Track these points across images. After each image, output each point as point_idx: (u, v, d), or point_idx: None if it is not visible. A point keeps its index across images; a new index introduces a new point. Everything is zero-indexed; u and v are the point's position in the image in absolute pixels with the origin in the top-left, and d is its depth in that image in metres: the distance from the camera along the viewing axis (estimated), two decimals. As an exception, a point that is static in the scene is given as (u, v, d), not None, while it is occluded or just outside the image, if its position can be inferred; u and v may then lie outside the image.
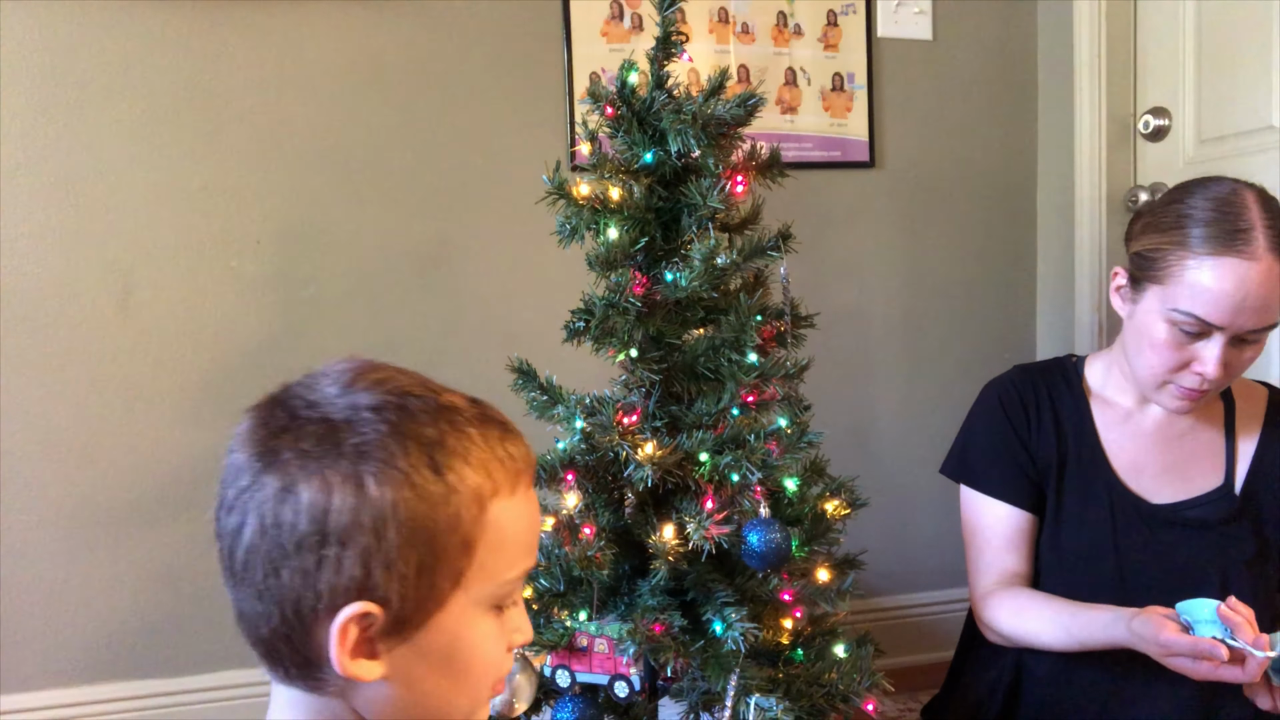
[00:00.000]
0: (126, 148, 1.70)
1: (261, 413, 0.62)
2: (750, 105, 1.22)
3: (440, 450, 0.61)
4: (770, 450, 1.16)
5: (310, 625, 0.59)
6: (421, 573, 0.60)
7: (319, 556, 0.58)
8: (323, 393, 0.61)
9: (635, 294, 1.16)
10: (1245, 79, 1.73)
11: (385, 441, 0.59)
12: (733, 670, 1.12)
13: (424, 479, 0.59)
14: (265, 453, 0.59)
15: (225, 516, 0.60)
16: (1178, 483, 1.25)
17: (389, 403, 0.61)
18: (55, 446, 1.69)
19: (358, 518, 0.58)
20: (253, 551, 0.59)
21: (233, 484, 0.60)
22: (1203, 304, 1.09)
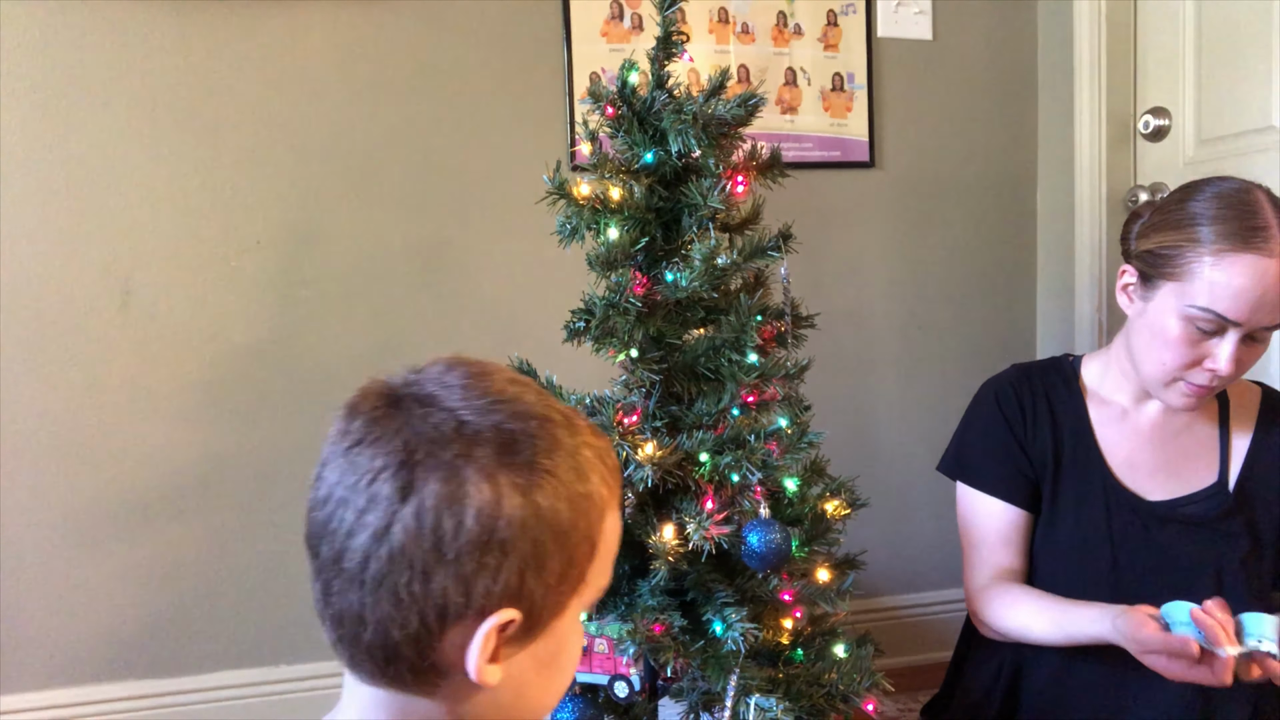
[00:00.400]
0: (126, 148, 1.70)
1: (381, 412, 0.60)
2: (751, 105, 1.22)
3: (580, 460, 0.62)
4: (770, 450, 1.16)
5: (446, 630, 0.59)
6: (560, 580, 0.61)
7: (479, 563, 0.57)
8: (454, 402, 0.60)
9: (635, 294, 1.16)
10: (1245, 79, 1.73)
11: (542, 451, 0.60)
12: (733, 670, 1.12)
13: (572, 489, 0.61)
14: (413, 460, 0.58)
15: (348, 517, 0.58)
16: (1173, 480, 1.26)
17: (533, 412, 0.62)
18: (55, 446, 1.69)
19: (523, 526, 0.59)
20: (400, 555, 0.57)
21: (360, 484, 0.58)
22: (1222, 300, 1.10)
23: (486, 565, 0.58)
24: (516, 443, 0.60)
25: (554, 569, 0.61)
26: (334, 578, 0.59)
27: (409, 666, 0.60)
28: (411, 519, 0.57)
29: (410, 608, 0.57)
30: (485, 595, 0.58)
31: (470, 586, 0.58)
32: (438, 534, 0.57)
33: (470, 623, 0.59)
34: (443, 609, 0.58)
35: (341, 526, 0.58)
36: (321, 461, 0.61)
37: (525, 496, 0.59)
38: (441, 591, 0.57)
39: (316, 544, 0.60)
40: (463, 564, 0.57)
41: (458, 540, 0.57)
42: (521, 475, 0.59)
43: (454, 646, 0.59)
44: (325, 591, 0.60)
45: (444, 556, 0.57)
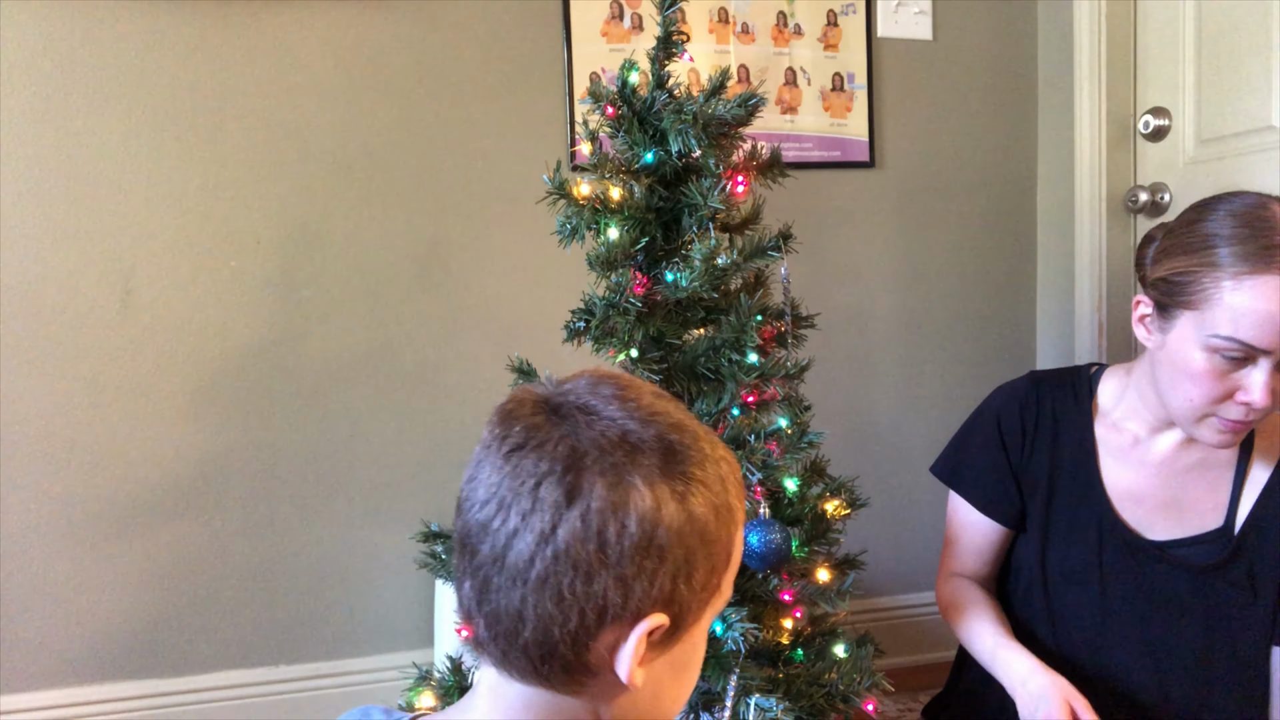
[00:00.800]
0: (127, 147, 1.70)
1: (543, 418, 0.63)
2: (751, 105, 1.22)
3: (722, 472, 0.66)
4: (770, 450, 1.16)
5: (603, 631, 0.61)
6: (703, 588, 0.64)
7: (639, 567, 0.60)
8: (614, 413, 0.63)
9: (635, 294, 1.16)
10: (1245, 79, 1.73)
11: (695, 462, 0.63)
12: (733, 670, 1.12)
13: (718, 499, 0.64)
14: (580, 466, 0.60)
15: (512, 519, 0.60)
16: (1174, 519, 1.18)
17: (686, 425, 0.65)
18: (55, 446, 1.69)
19: (679, 533, 0.61)
20: (565, 556, 0.59)
21: (524, 487, 0.60)
22: (1246, 327, 1.01)
23: (645, 569, 0.60)
24: (675, 453, 0.63)
25: (700, 577, 0.63)
26: (494, 575, 0.61)
27: (563, 665, 0.62)
28: (578, 521, 0.59)
29: (572, 607, 0.60)
30: (641, 599, 0.61)
31: (629, 589, 0.60)
32: (603, 537, 0.59)
33: (625, 625, 0.61)
34: (602, 610, 0.60)
35: (505, 527, 0.60)
36: (475, 463, 0.64)
37: (681, 504, 0.62)
38: (602, 593, 0.60)
39: (475, 543, 0.62)
40: (624, 567, 0.60)
41: (621, 544, 0.59)
42: (679, 484, 0.62)
43: (606, 648, 0.62)
44: (483, 589, 0.62)
45: (607, 559, 0.59)
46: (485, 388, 1.80)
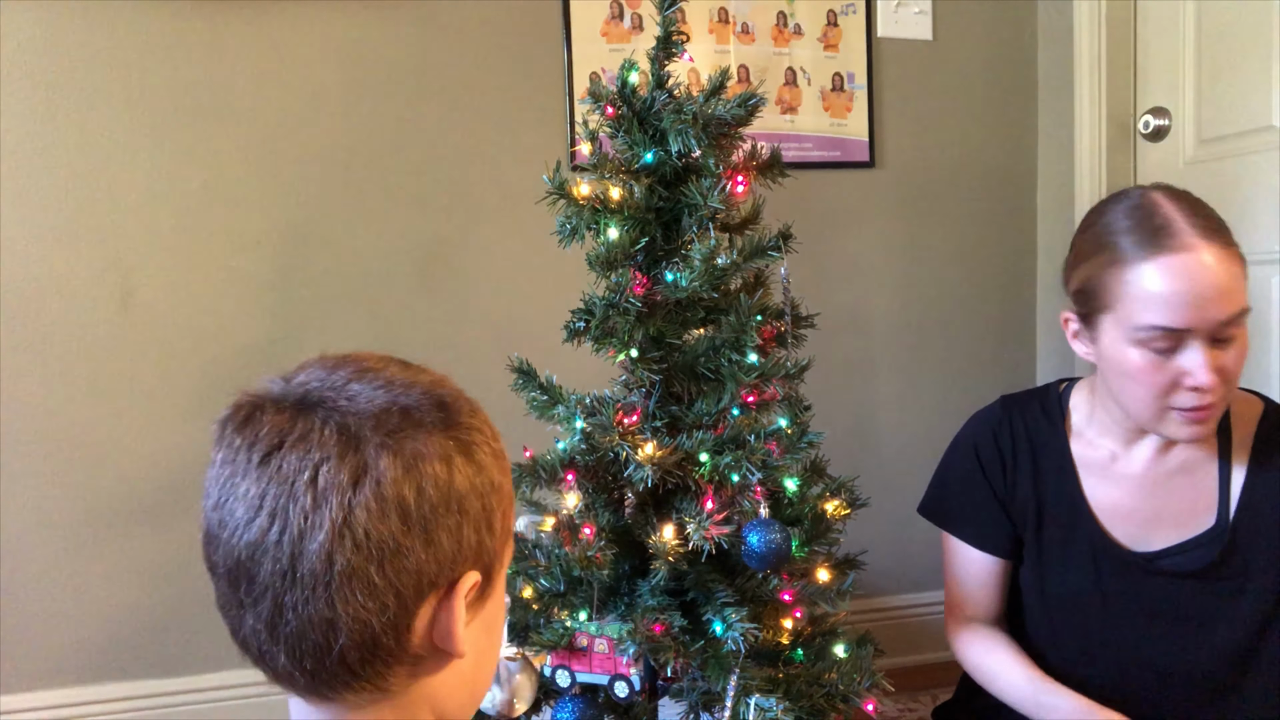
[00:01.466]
0: (126, 147, 1.70)
1: (289, 414, 0.58)
2: (751, 105, 1.21)
3: (488, 421, 0.65)
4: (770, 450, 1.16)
5: (422, 604, 0.59)
6: (503, 534, 0.64)
7: (444, 527, 0.59)
8: (366, 383, 0.60)
9: (635, 294, 1.16)
10: (1245, 79, 1.73)
11: (467, 412, 0.63)
12: (733, 670, 1.12)
13: (495, 446, 0.64)
14: (353, 445, 0.57)
15: (294, 524, 0.56)
16: (1168, 528, 1.16)
17: (442, 381, 0.64)
18: (55, 446, 1.69)
19: (472, 485, 0.60)
20: (367, 540, 0.56)
21: (301, 488, 0.56)
22: (1159, 311, 1.02)
23: (449, 528, 0.59)
24: (448, 406, 0.61)
25: (497, 525, 0.63)
26: (286, 593, 0.56)
27: (386, 659, 0.59)
28: (371, 500, 0.56)
29: (386, 591, 0.57)
30: (452, 560, 0.59)
31: (439, 552, 0.59)
32: (402, 508, 0.57)
33: (441, 591, 0.60)
34: (418, 582, 0.58)
35: (286, 535, 0.56)
36: (218, 484, 0.58)
37: (468, 456, 0.61)
38: (415, 565, 0.58)
39: (252, 568, 0.57)
40: (429, 531, 0.58)
41: (421, 509, 0.57)
42: (461, 434, 0.61)
43: (426, 625, 0.60)
44: (275, 614, 0.57)
45: (411, 528, 0.57)
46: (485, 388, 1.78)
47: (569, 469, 1.19)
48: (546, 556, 1.20)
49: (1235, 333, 1.03)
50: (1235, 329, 1.03)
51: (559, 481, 1.19)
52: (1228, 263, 1.02)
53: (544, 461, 1.19)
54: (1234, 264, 1.02)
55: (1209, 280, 1.00)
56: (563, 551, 1.18)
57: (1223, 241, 1.02)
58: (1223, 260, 1.01)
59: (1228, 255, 1.02)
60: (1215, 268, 1.01)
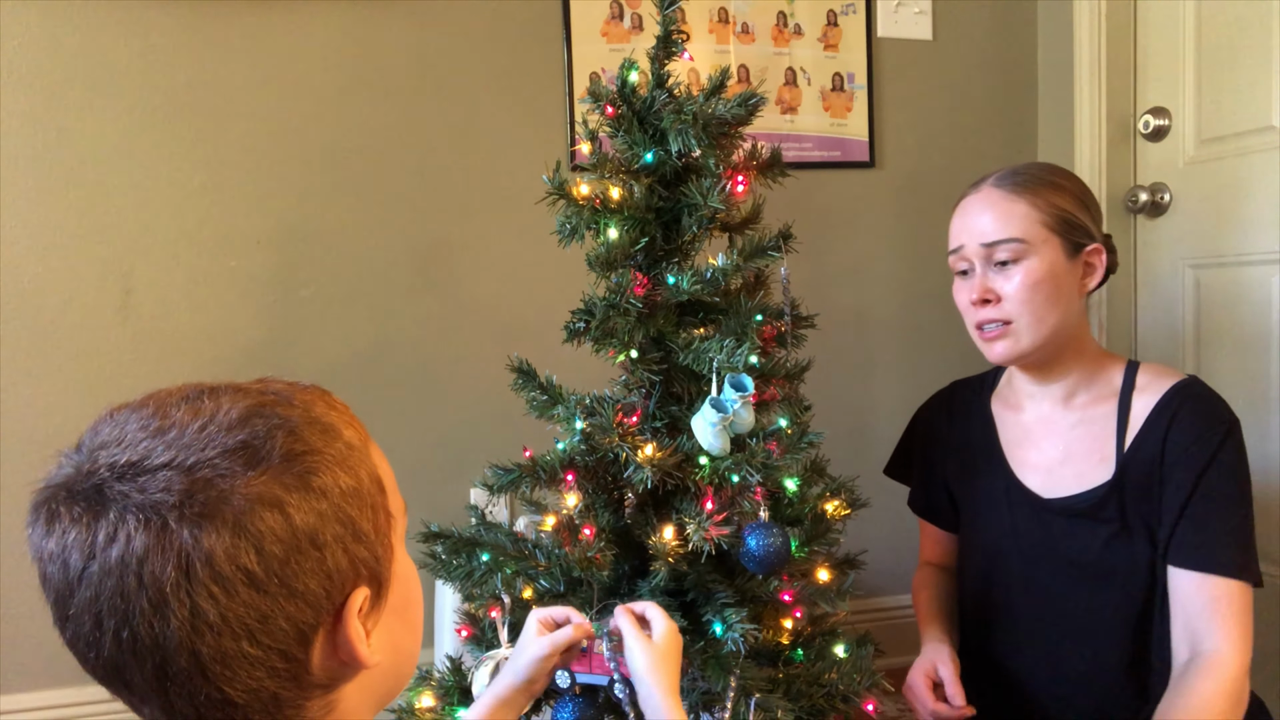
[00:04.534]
0: (126, 148, 1.70)
1: (89, 515, 0.53)
2: (751, 105, 1.22)
3: (318, 421, 0.59)
4: (770, 451, 1.16)
5: (312, 648, 0.56)
6: (376, 531, 0.60)
7: (302, 569, 0.54)
8: (160, 451, 0.54)
9: (636, 295, 1.16)
10: (1245, 79, 1.73)
11: (283, 439, 0.56)
12: (733, 671, 1.12)
13: (335, 452, 0.58)
14: (163, 530, 0.52)
15: (142, 630, 0.52)
16: (1071, 476, 1.27)
17: (246, 413, 0.57)
18: (55, 446, 1.68)
19: (321, 514, 0.56)
20: (225, 623, 0.52)
21: (131, 592, 0.52)
22: (950, 240, 1.30)
23: (308, 568, 0.55)
24: (256, 449, 0.55)
25: (367, 528, 0.59)
26: (169, 690, 0.53)
27: (293, 704, 0.57)
28: (211, 582, 0.52)
29: (267, 657, 0.54)
30: (328, 594, 0.56)
31: (308, 597, 0.55)
32: (248, 574, 0.52)
33: (329, 625, 0.57)
34: (298, 632, 0.55)
35: (141, 644, 0.52)
36: (57, 597, 0.55)
37: (303, 489, 0.55)
38: (287, 619, 0.54)
39: (126, 675, 0.54)
40: (288, 583, 0.54)
41: (269, 568, 0.53)
42: (285, 472, 0.55)
43: (325, 655, 0.58)
44: (168, 710, 0.55)
45: (268, 592, 0.53)
46: (485, 388, 1.80)
47: (569, 469, 1.19)
48: (546, 556, 1.20)
49: (1010, 256, 1.22)
50: (1009, 254, 1.22)
51: (559, 481, 1.19)
52: (1006, 202, 1.23)
53: (544, 462, 1.18)
54: (1015, 204, 1.23)
55: (978, 210, 1.25)
56: (562, 552, 1.17)
57: (1014, 189, 1.23)
58: (1001, 199, 1.24)
59: (1010, 197, 1.23)
60: (989, 202, 1.25)
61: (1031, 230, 1.21)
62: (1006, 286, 1.23)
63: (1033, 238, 1.21)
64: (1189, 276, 1.86)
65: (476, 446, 1.81)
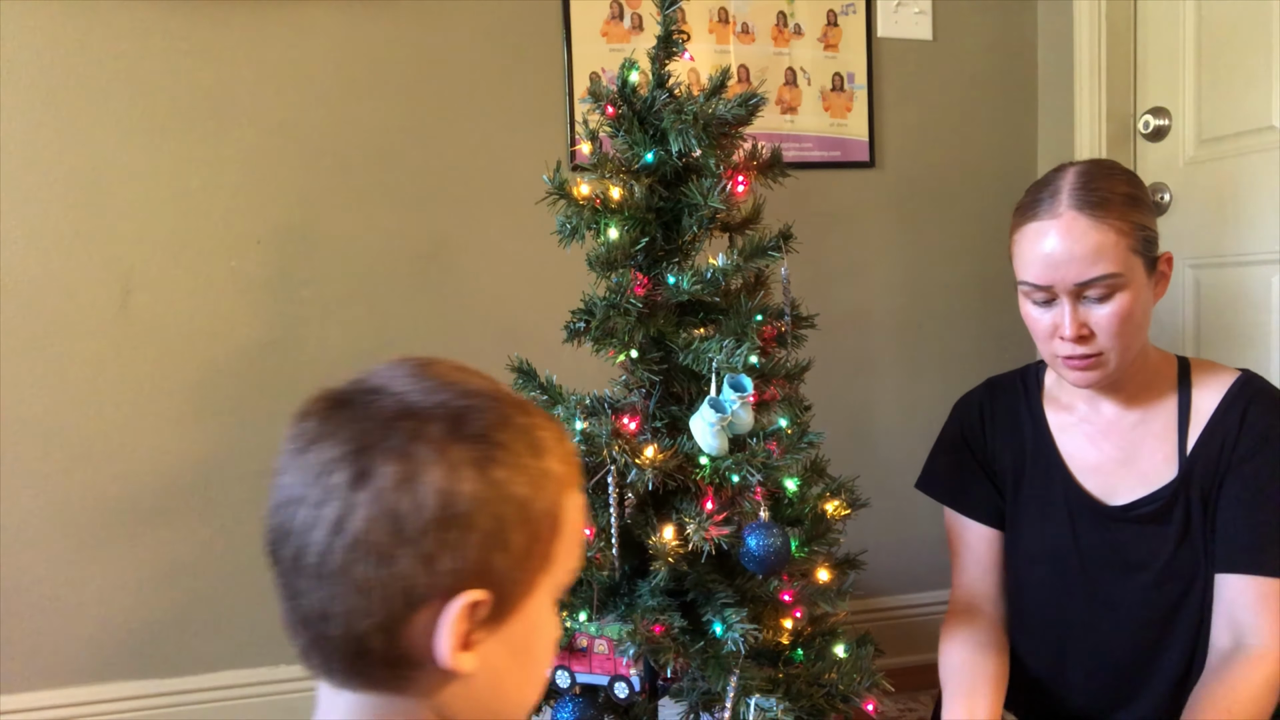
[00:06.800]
0: (127, 147, 1.70)
1: (330, 410, 0.60)
2: (751, 105, 1.21)
3: (535, 438, 0.63)
4: (770, 451, 1.16)
5: (414, 614, 0.58)
6: (525, 557, 0.61)
7: (441, 540, 0.57)
8: (400, 388, 0.61)
9: (636, 295, 1.16)
10: (1245, 79, 1.73)
11: (493, 425, 0.60)
12: (733, 671, 1.12)
13: (529, 463, 0.61)
14: (364, 447, 0.58)
15: (304, 514, 0.58)
16: (1134, 479, 1.23)
17: (481, 390, 0.63)
18: (55, 446, 1.69)
19: (483, 501, 0.59)
20: (359, 542, 0.57)
21: (315, 481, 0.58)
22: (1028, 268, 1.17)
23: (448, 542, 0.57)
24: (466, 418, 0.60)
25: (518, 545, 0.60)
26: (297, 578, 0.59)
27: (380, 659, 0.59)
28: (368, 504, 0.57)
29: (375, 594, 0.57)
30: (450, 574, 0.58)
31: (434, 565, 0.57)
32: (396, 515, 0.57)
33: (437, 605, 0.58)
34: (409, 592, 0.57)
35: (298, 525, 0.58)
36: (277, 473, 0.61)
37: (481, 470, 0.59)
38: (405, 573, 0.57)
39: (278, 549, 0.60)
40: (424, 543, 0.57)
41: (417, 519, 0.57)
42: (476, 449, 0.59)
43: (422, 633, 0.59)
44: (292, 595, 0.60)
45: (404, 537, 0.57)
46: (485, 388, 1.80)
47: (569, 469, 1.18)
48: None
49: (1104, 292, 1.13)
50: (1102, 290, 1.13)
51: (559, 482, 1.18)
52: (1095, 232, 1.11)
53: (544, 462, 1.18)
54: (1104, 234, 1.11)
55: (1065, 245, 1.12)
56: (563, 552, 1.17)
57: (1097, 213, 1.12)
58: (1089, 229, 1.12)
59: (1097, 226, 1.11)
60: (1074, 234, 1.12)
61: (1123, 260, 1.12)
62: (1099, 320, 1.14)
63: (1125, 268, 1.12)
64: (1189, 276, 1.86)
65: (476, 446, 1.81)
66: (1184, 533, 1.19)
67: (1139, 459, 1.23)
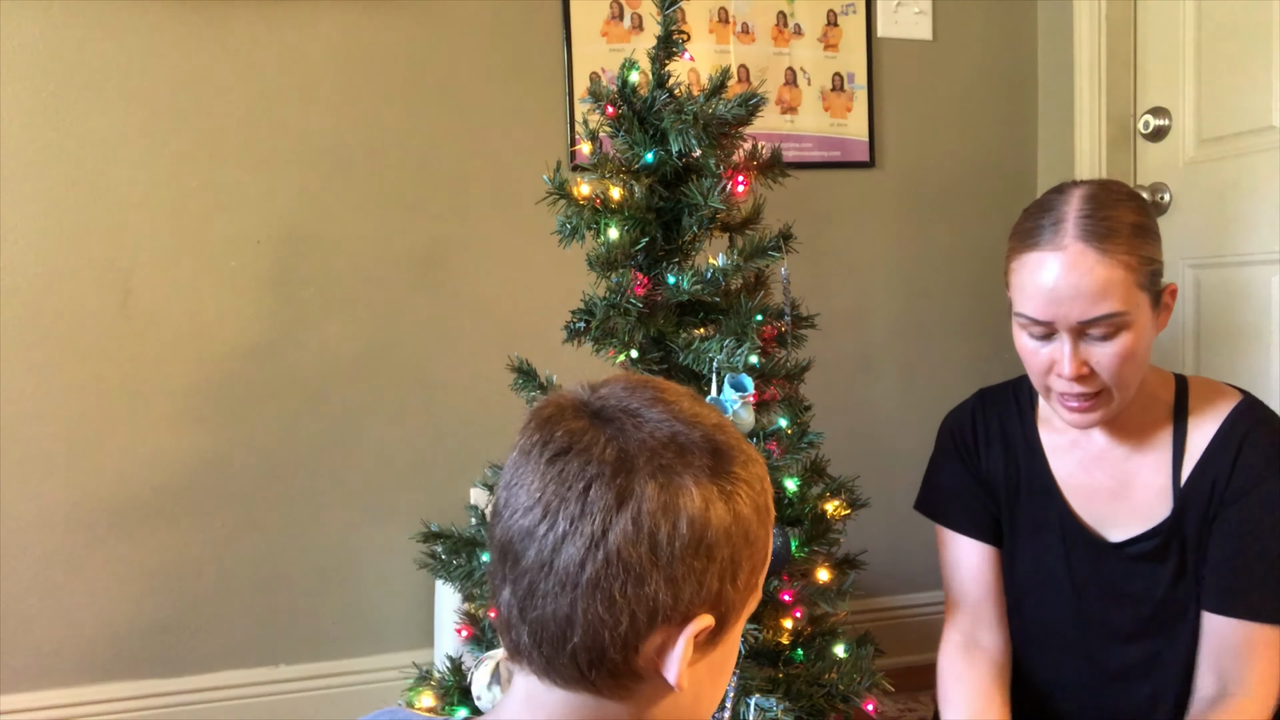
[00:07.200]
0: (126, 148, 1.70)
1: (588, 423, 0.62)
2: (752, 105, 1.22)
3: (760, 472, 0.66)
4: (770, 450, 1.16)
5: (652, 633, 0.61)
6: (745, 588, 0.64)
7: (689, 568, 0.60)
8: (658, 414, 0.63)
9: (636, 295, 1.16)
10: (1245, 79, 1.73)
11: (739, 462, 0.63)
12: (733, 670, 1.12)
13: (758, 500, 0.65)
14: (631, 468, 0.60)
15: (561, 523, 0.60)
16: (1128, 513, 1.18)
17: (726, 426, 0.65)
18: (55, 446, 1.69)
19: (727, 534, 0.61)
20: (616, 559, 0.59)
21: (572, 491, 0.60)
22: (1027, 301, 1.08)
23: (694, 570, 0.60)
24: (722, 453, 0.63)
25: (743, 577, 0.64)
26: (540, 581, 0.61)
27: (611, 669, 0.61)
28: (629, 524, 0.59)
29: (622, 610, 0.59)
30: (690, 600, 0.61)
31: (679, 591, 0.60)
32: (654, 539, 0.59)
33: (674, 627, 0.61)
34: (653, 612, 0.60)
35: (553, 532, 0.60)
36: (513, 469, 0.63)
37: (728, 504, 0.62)
38: (653, 595, 0.59)
39: (519, 550, 0.61)
40: (674, 568, 0.60)
41: (672, 545, 0.59)
42: (726, 484, 0.62)
43: (654, 650, 0.61)
44: (527, 596, 0.61)
45: (658, 561, 0.59)
46: (485, 388, 1.80)
47: (569, 469, 1.18)
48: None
49: (1107, 332, 1.05)
50: (1106, 329, 1.05)
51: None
52: (1102, 267, 1.03)
53: (544, 461, 1.18)
54: (1112, 270, 1.03)
55: (1068, 281, 1.03)
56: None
57: (1105, 246, 1.03)
58: (1096, 264, 1.03)
59: (1104, 261, 1.03)
60: (1080, 269, 1.03)
61: (1129, 297, 1.04)
62: (1101, 359, 1.06)
63: (1131, 306, 1.04)
64: (1189, 276, 1.86)
65: (476, 446, 1.81)
66: (1179, 570, 1.16)
67: (1132, 492, 1.18)
